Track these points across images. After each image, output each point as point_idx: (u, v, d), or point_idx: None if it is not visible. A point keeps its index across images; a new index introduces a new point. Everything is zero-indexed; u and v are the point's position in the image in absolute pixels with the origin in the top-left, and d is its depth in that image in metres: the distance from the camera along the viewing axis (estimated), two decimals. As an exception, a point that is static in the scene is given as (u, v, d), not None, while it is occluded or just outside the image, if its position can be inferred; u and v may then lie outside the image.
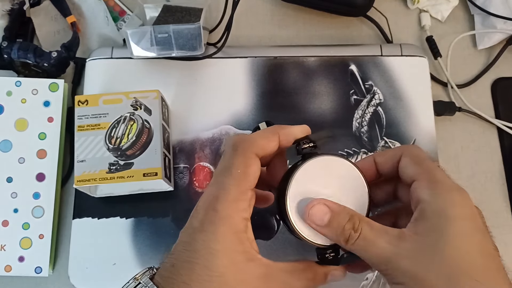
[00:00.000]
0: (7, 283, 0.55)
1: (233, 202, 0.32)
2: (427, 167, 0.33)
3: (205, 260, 0.31)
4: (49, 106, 0.57)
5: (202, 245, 0.31)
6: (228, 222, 0.32)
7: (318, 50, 0.60)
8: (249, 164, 0.33)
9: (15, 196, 0.55)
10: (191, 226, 0.33)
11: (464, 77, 0.63)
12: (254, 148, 0.34)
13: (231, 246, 0.31)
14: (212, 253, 0.31)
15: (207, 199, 0.33)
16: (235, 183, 0.32)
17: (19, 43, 0.58)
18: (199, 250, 0.31)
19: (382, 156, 0.36)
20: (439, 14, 0.65)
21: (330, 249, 0.35)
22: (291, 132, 0.36)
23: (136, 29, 0.55)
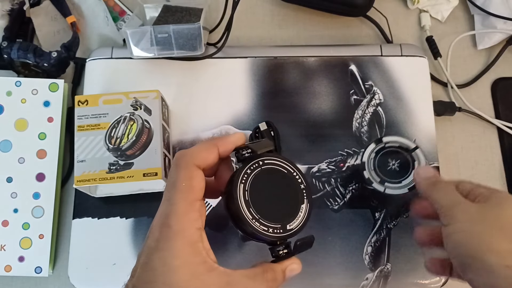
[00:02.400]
0: (7, 283, 0.55)
1: (183, 215, 0.33)
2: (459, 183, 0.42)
3: (165, 277, 0.31)
4: (49, 106, 0.57)
5: (160, 262, 0.31)
6: (182, 236, 0.32)
7: (318, 50, 0.60)
8: (192, 176, 0.34)
9: (15, 196, 0.55)
10: (147, 246, 0.33)
11: (464, 77, 0.63)
12: (195, 160, 0.35)
13: (189, 259, 0.32)
14: (171, 269, 0.31)
15: (159, 217, 0.33)
16: (182, 197, 0.33)
17: (19, 43, 0.58)
18: (158, 268, 0.31)
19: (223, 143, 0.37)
20: (439, 14, 0.65)
21: (281, 246, 0.36)
22: (228, 141, 0.37)
23: (136, 29, 0.55)
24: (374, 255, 0.52)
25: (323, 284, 0.51)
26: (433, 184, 0.42)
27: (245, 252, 0.52)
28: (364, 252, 0.52)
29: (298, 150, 0.55)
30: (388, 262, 0.52)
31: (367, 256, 0.52)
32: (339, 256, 0.52)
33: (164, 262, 0.31)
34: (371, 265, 0.52)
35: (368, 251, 0.52)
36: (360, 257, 0.52)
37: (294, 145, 0.55)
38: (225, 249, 0.52)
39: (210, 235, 0.53)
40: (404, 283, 0.51)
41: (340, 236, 0.52)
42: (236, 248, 0.52)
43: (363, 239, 0.52)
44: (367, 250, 0.52)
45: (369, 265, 0.52)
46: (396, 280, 0.51)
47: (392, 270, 0.51)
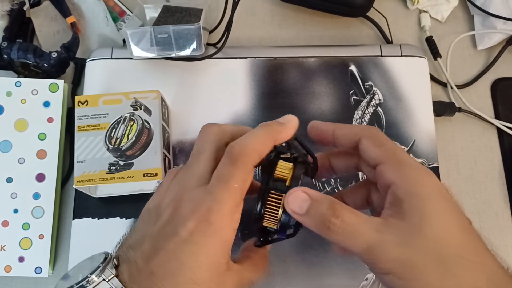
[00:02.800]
0: (7, 283, 0.55)
1: (228, 215, 0.31)
2: (390, 149, 0.33)
3: (192, 273, 0.30)
4: (49, 107, 0.57)
5: (191, 257, 0.30)
6: (220, 235, 0.31)
7: (318, 50, 0.60)
8: (247, 178, 0.32)
9: (15, 197, 0.55)
10: (177, 235, 0.31)
11: (464, 77, 0.63)
12: (254, 160, 0.32)
13: (218, 259, 0.31)
14: (200, 267, 0.30)
15: (197, 209, 0.31)
16: (231, 197, 0.31)
17: (19, 44, 0.58)
18: (187, 262, 0.30)
19: (341, 131, 0.35)
20: (439, 14, 0.65)
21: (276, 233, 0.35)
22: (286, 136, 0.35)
23: (136, 30, 0.55)
24: (374, 255, 0.52)
25: (323, 284, 0.51)
26: (326, 226, 0.31)
27: (245, 252, 0.52)
28: (364, 252, 0.52)
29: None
30: (388, 262, 0.52)
31: (367, 256, 0.52)
32: (339, 256, 0.52)
33: (195, 258, 0.30)
34: (371, 265, 0.52)
35: (368, 251, 0.52)
36: (360, 257, 0.52)
37: (294, 145, 0.55)
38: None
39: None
40: (404, 283, 0.51)
41: (340, 236, 0.52)
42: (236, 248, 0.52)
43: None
44: (367, 250, 0.52)
45: (369, 265, 0.52)
46: (396, 280, 0.51)
47: (392, 270, 0.51)
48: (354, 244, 0.30)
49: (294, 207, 0.32)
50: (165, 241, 0.31)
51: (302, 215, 0.31)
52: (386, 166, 0.32)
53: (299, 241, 0.52)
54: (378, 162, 0.32)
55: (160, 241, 0.31)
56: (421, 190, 0.30)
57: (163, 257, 0.31)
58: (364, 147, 0.33)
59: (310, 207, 0.31)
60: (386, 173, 0.32)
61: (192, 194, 0.32)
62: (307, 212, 0.31)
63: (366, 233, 0.30)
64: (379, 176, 0.32)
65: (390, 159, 0.32)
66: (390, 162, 0.32)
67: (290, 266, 0.52)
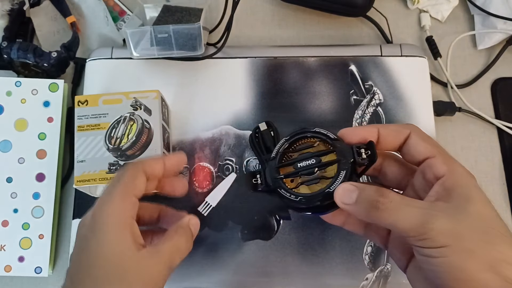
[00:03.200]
0: (7, 283, 0.55)
1: (117, 204, 0.37)
2: (437, 145, 0.36)
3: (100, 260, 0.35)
4: (49, 106, 0.57)
5: (94, 245, 0.35)
6: (113, 220, 0.36)
7: (318, 50, 0.60)
8: (136, 177, 0.38)
9: (15, 196, 0.55)
10: (83, 235, 0.37)
11: (464, 77, 0.63)
12: (143, 165, 0.40)
13: (122, 242, 0.35)
14: (105, 252, 0.35)
15: (95, 207, 0.37)
16: (121, 190, 0.37)
17: (19, 43, 0.58)
18: (93, 250, 0.35)
19: (386, 129, 0.37)
20: (439, 14, 0.65)
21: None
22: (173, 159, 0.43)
23: (136, 29, 0.55)
24: (374, 255, 0.52)
25: (323, 284, 0.51)
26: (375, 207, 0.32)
27: (245, 252, 0.52)
28: (364, 252, 0.52)
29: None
30: (388, 262, 0.52)
31: (367, 256, 0.52)
32: (339, 256, 0.52)
33: (99, 244, 0.35)
34: (371, 265, 0.52)
35: (368, 251, 0.52)
36: (360, 257, 0.52)
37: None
38: (225, 249, 0.52)
39: (210, 235, 0.53)
40: (404, 283, 0.51)
41: (340, 236, 0.52)
42: (236, 248, 0.52)
43: (363, 239, 0.52)
44: (367, 250, 0.52)
45: (369, 265, 0.52)
46: (396, 280, 0.51)
47: (392, 270, 0.52)
48: (405, 220, 0.31)
49: (344, 199, 0.34)
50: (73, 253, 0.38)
51: (351, 204, 0.34)
52: (437, 160, 0.34)
53: (299, 241, 0.52)
54: (427, 156, 0.35)
55: (71, 255, 0.38)
56: (468, 182, 0.33)
57: (76, 256, 0.37)
58: (414, 141, 0.36)
59: (358, 195, 0.33)
60: (436, 167, 0.34)
61: (98, 200, 0.39)
62: (356, 201, 0.33)
63: (416, 210, 0.32)
64: (428, 167, 0.35)
65: (440, 154, 0.35)
66: (441, 157, 0.35)
67: (290, 266, 0.52)
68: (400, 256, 0.37)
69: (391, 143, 0.37)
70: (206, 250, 0.52)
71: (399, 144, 0.37)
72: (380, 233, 0.39)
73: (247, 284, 0.51)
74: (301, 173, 0.37)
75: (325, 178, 0.37)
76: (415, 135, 0.36)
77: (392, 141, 0.37)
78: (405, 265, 0.37)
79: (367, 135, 0.37)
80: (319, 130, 0.38)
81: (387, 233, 0.38)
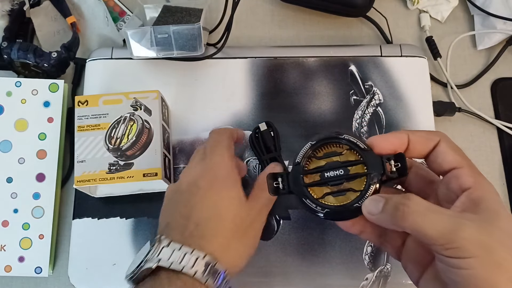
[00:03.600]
0: (7, 283, 0.55)
1: (229, 163, 0.44)
2: (465, 156, 0.35)
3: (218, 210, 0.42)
4: (49, 107, 0.57)
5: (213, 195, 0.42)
6: (228, 176, 0.43)
7: (318, 50, 0.60)
8: (231, 141, 0.47)
9: (15, 197, 0.55)
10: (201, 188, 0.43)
11: (464, 77, 0.63)
12: (231, 132, 0.49)
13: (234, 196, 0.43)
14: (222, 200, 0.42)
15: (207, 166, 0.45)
16: (226, 152, 0.45)
17: (19, 44, 0.58)
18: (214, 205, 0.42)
19: (416, 135, 0.36)
20: (439, 14, 0.65)
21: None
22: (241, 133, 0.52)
23: (136, 30, 0.55)
24: (374, 255, 0.52)
25: (323, 284, 0.51)
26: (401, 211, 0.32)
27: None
28: (364, 252, 0.52)
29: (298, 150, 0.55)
30: (388, 262, 0.52)
31: (367, 256, 0.52)
32: (339, 256, 0.52)
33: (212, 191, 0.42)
34: (371, 265, 0.52)
35: (368, 251, 0.52)
36: (360, 257, 0.52)
37: (294, 145, 0.55)
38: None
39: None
40: (404, 283, 0.51)
41: (340, 236, 0.52)
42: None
43: (363, 239, 0.52)
44: (367, 250, 0.52)
45: (368, 265, 0.52)
46: (396, 280, 0.51)
47: (392, 270, 0.52)
48: (433, 226, 0.31)
49: (371, 209, 0.34)
50: (195, 197, 0.42)
51: (377, 214, 0.33)
52: (464, 171, 0.34)
53: (299, 241, 0.52)
54: (455, 166, 0.34)
55: (191, 200, 0.42)
56: (494, 197, 0.33)
57: (198, 209, 0.41)
58: (442, 150, 0.35)
59: (384, 204, 0.33)
60: (463, 178, 0.34)
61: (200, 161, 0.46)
62: (382, 209, 0.33)
63: (445, 217, 0.31)
64: (454, 178, 0.34)
65: (468, 165, 0.34)
66: (468, 168, 0.34)
67: (290, 266, 0.52)
68: (413, 268, 0.36)
69: (419, 150, 0.36)
70: (206, 250, 0.52)
71: (427, 151, 0.36)
72: (394, 244, 0.38)
73: (247, 284, 0.51)
74: (328, 183, 0.36)
75: (353, 190, 0.35)
76: (444, 144, 0.35)
77: (420, 148, 0.36)
78: (417, 278, 0.36)
79: (398, 144, 0.36)
80: (348, 137, 0.37)
81: (401, 244, 0.38)
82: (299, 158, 0.37)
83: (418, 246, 0.36)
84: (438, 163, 0.35)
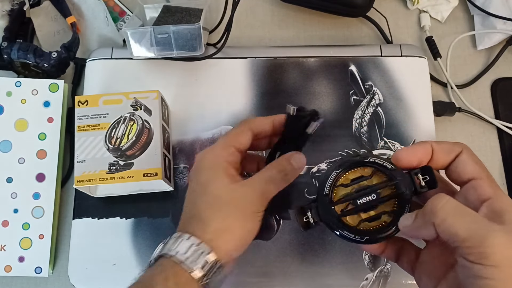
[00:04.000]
0: (7, 283, 0.55)
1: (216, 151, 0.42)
2: (485, 168, 0.35)
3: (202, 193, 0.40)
4: (49, 107, 0.57)
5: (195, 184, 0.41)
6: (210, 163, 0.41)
7: (318, 50, 0.60)
8: (240, 133, 0.42)
9: (15, 196, 0.55)
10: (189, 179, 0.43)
11: (464, 77, 0.63)
12: (250, 123, 0.43)
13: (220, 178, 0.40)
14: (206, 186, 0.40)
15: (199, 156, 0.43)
16: (222, 142, 0.42)
17: (19, 44, 0.58)
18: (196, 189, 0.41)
19: (439, 146, 0.36)
20: (439, 14, 0.65)
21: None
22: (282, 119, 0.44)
23: (136, 30, 0.55)
24: (374, 255, 0.52)
25: (323, 284, 0.51)
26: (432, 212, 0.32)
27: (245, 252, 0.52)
28: (364, 252, 0.52)
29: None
30: (388, 262, 0.52)
31: (367, 256, 0.52)
32: (339, 256, 0.52)
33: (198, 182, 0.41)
34: (371, 265, 0.52)
35: (368, 251, 0.52)
36: (360, 257, 0.52)
37: (294, 145, 0.55)
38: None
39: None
40: (404, 283, 0.51)
41: (340, 236, 0.52)
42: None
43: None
44: (367, 250, 0.52)
45: (369, 265, 0.52)
46: (396, 280, 0.51)
47: (392, 270, 0.52)
48: (463, 227, 0.31)
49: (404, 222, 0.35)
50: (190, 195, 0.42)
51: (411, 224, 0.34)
52: (484, 182, 0.34)
53: (299, 241, 0.52)
54: (474, 176, 0.35)
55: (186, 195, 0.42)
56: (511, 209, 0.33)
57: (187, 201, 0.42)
58: (463, 160, 0.35)
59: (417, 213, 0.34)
60: (483, 188, 0.34)
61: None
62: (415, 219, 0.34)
63: (476, 219, 0.31)
64: (473, 189, 0.34)
65: (488, 177, 0.35)
66: (487, 180, 0.34)
67: (290, 266, 0.52)
68: (427, 281, 0.37)
69: (442, 161, 0.36)
70: (206, 250, 0.52)
71: (449, 162, 0.36)
72: (409, 257, 0.38)
73: (247, 284, 0.51)
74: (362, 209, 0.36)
75: (387, 212, 0.36)
76: (466, 155, 0.36)
77: (443, 159, 0.36)
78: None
79: (424, 156, 0.36)
80: (374, 160, 0.36)
81: (415, 258, 0.38)
82: (327, 189, 0.37)
83: (433, 259, 0.36)
84: (458, 173, 0.35)
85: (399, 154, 0.36)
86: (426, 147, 0.36)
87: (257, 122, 0.43)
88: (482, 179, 0.34)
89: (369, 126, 0.56)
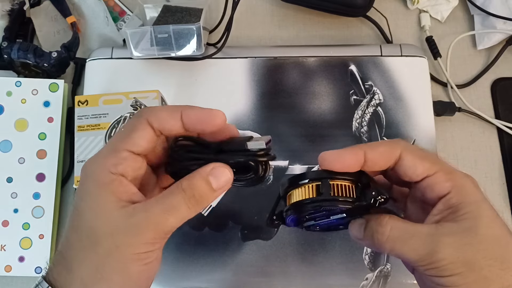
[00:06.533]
0: (7, 283, 0.55)
1: (98, 161, 0.31)
2: (435, 160, 0.32)
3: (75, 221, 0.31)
4: (49, 106, 0.57)
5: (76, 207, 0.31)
6: (90, 180, 0.31)
7: (318, 50, 0.60)
8: (133, 128, 0.31)
9: (15, 196, 0.55)
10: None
11: (464, 77, 0.63)
12: (150, 115, 0.31)
13: (98, 200, 0.30)
14: (80, 212, 0.31)
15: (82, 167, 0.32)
16: (108, 146, 0.32)
17: (19, 44, 0.58)
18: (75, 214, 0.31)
19: (373, 152, 0.32)
20: (439, 14, 0.65)
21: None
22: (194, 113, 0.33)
23: (136, 29, 0.55)
24: (374, 255, 0.52)
25: (323, 284, 0.51)
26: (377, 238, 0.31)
27: (245, 252, 0.52)
28: (364, 252, 0.52)
29: (298, 150, 0.55)
30: (388, 262, 0.52)
31: (367, 256, 0.52)
32: (339, 256, 0.52)
33: (77, 206, 0.31)
34: (371, 265, 0.52)
35: (368, 251, 0.52)
36: (360, 257, 0.52)
37: (294, 145, 0.55)
38: (225, 249, 0.52)
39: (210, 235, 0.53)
40: (404, 283, 0.51)
41: (340, 236, 0.52)
42: (236, 248, 0.52)
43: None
44: (367, 250, 0.52)
45: (369, 265, 0.52)
46: (396, 280, 0.51)
47: (392, 270, 0.52)
48: (411, 250, 0.30)
49: (355, 233, 0.33)
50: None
51: (362, 238, 0.32)
52: (438, 177, 0.32)
53: (299, 241, 0.52)
54: (426, 174, 0.32)
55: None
56: (475, 198, 0.31)
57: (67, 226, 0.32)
58: (407, 161, 0.32)
59: (365, 227, 0.32)
60: (439, 185, 0.31)
61: None
62: (365, 234, 0.32)
63: (421, 239, 0.30)
64: (429, 187, 0.32)
65: (441, 169, 0.32)
66: (441, 173, 0.32)
67: (290, 266, 0.52)
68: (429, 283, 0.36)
69: (379, 166, 0.33)
70: (206, 250, 0.52)
71: (388, 166, 0.33)
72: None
73: (247, 284, 0.52)
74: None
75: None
76: (407, 155, 0.32)
77: (380, 164, 0.33)
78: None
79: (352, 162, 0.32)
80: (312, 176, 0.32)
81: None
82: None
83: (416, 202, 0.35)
84: (409, 176, 0.32)
85: (324, 155, 0.32)
86: (357, 153, 0.32)
87: (159, 116, 0.32)
88: (435, 174, 0.32)
89: (369, 126, 0.56)
